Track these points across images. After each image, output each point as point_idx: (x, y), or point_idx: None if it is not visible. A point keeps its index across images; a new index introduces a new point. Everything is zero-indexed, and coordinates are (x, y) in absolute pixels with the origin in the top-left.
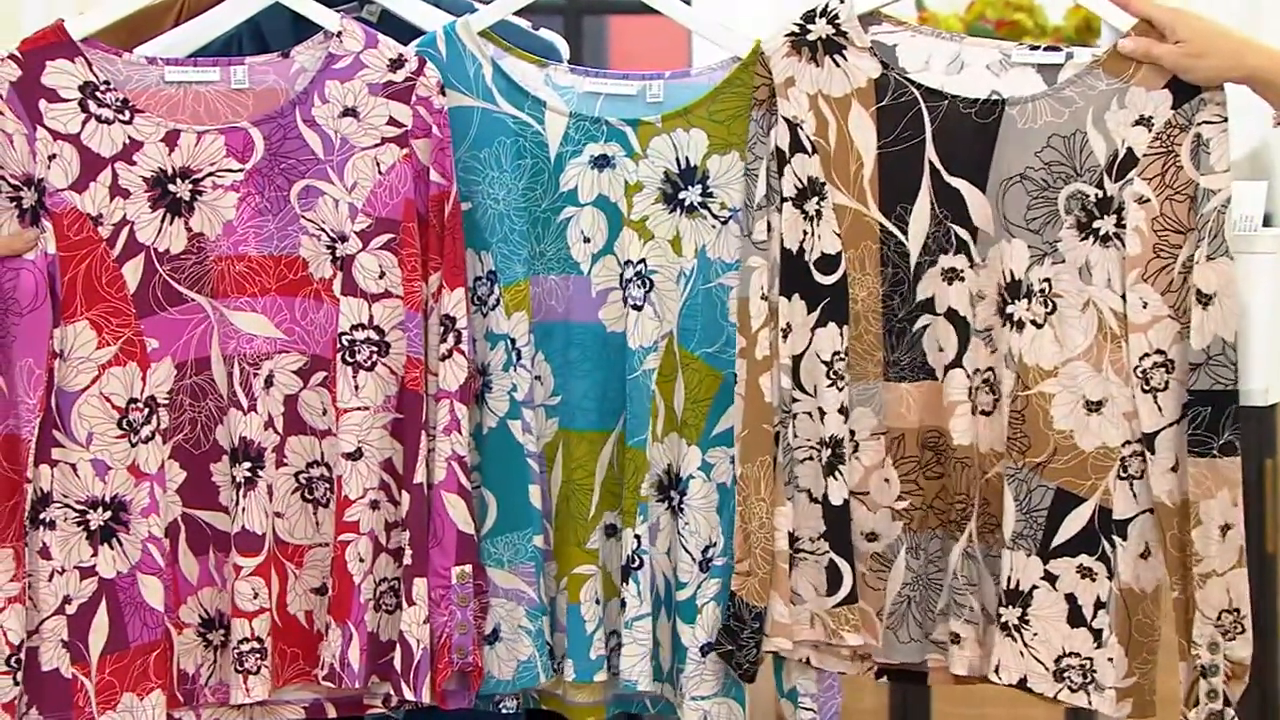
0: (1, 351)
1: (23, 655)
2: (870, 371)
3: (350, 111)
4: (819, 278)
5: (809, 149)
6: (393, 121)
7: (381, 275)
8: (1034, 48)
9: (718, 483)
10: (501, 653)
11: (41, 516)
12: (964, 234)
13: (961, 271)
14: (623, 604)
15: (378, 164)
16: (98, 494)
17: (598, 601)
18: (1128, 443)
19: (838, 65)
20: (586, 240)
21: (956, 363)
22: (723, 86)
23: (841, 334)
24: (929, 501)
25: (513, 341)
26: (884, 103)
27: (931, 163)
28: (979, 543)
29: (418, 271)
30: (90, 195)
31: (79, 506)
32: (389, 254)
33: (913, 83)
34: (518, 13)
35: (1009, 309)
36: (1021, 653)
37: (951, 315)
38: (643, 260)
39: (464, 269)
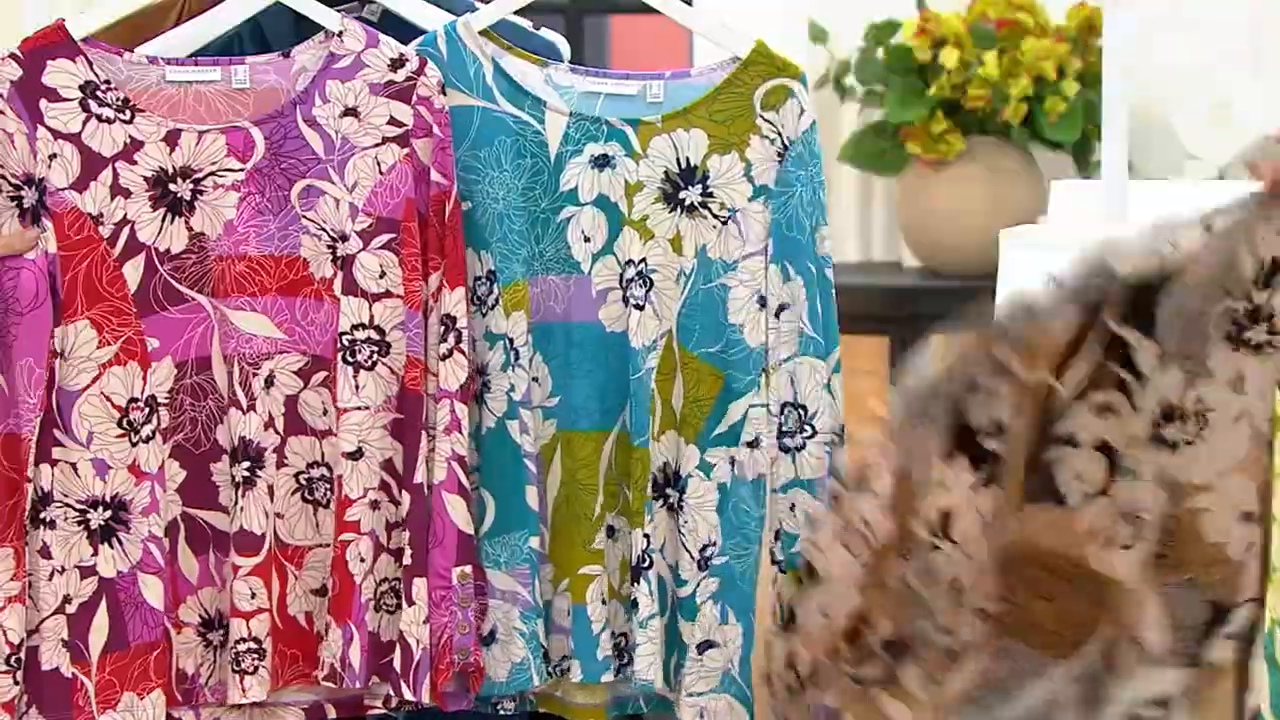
0: (2, 351)
1: (23, 655)
2: None
3: (351, 111)
4: None
5: None
6: (393, 121)
7: (382, 275)
8: None
9: (718, 482)
10: (497, 654)
11: (42, 516)
12: None
13: None
14: (634, 604)
15: (378, 164)
16: (98, 493)
17: (604, 602)
18: None
19: None
20: (587, 240)
21: None
22: (723, 86)
23: None
24: None
25: (511, 341)
26: None
27: None
28: None
29: (418, 271)
30: (91, 194)
31: (79, 506)
32: (389, 254)
33: None
34: (519, 12)
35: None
36: None
37: None
38: (643, 260)
39: (464, 269)
